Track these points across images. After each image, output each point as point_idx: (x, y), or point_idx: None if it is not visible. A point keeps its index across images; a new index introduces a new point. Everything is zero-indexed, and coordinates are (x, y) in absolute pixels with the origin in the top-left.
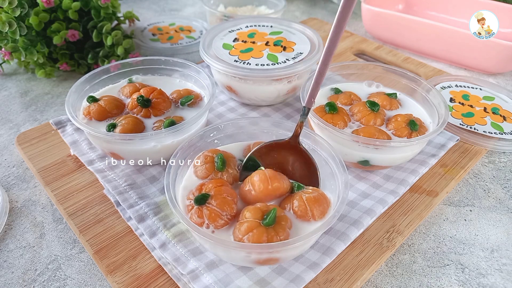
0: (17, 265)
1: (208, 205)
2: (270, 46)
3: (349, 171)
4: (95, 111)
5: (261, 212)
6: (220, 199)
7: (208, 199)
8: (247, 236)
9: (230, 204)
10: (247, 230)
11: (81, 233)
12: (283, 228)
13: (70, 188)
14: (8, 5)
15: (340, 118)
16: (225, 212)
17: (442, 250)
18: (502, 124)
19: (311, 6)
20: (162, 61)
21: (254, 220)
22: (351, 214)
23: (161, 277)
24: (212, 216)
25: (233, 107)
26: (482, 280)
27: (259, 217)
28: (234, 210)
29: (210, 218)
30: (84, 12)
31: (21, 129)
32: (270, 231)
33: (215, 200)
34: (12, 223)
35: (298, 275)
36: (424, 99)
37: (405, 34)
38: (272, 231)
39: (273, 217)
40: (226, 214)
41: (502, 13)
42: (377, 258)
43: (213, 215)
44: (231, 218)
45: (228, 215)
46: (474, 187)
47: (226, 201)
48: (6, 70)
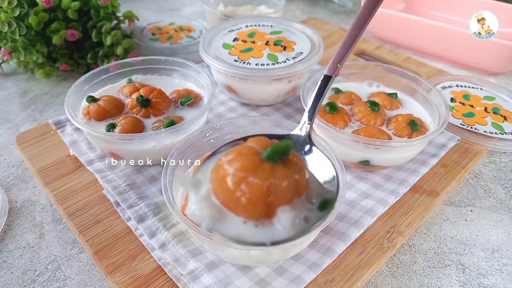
0: (16, 265)
1: None
2: (270, 46)
3: (349, 171)
4: (94, 111)
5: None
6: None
7: None
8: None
9: None
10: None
11: (80, 234)
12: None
13: (69, 188)
14: (8, 5)
15: (340, 118)
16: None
17: (443, 250)
18: (502, 124)
19: (312, 5)
20: (161, 61)
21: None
22: (352, 214)
23: (160, 277)
24: None
25: (233, 107)
26: (483, 281)
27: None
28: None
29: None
30: (84, 11)
31: (20, 129)
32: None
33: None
34: (12, 223)
35: (298, 276)
36: (424, 99)
37: (406, 33)
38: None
39: (279, 149)
40: None
41: (503, 12)
42: (377, 259)
43: None
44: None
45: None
46: (474, 187)
47: None
48: (5, 70)
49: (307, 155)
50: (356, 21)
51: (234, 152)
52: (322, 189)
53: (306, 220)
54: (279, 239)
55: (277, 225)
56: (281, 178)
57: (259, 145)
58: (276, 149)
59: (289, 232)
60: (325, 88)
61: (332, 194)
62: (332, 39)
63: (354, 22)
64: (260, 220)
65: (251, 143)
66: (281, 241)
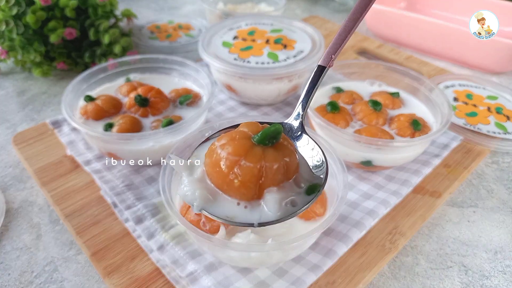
0: (13, 266)
1: None
2: (270, 44)
3: (351, 171)
4: (92, 111)
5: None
6: None
7: None
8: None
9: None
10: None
11: (78, 235)
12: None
13: (67, 189)
14: (5, 4)
15: (342, 117)
16: None
17: (445, 251)
18: (505, 123)
19: (312, 4)
20: (160, 60)
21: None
22: (353, 215)
23: (159, 279)
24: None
25: (232, 106)
26: (486, 282)
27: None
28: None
29: (207, 217)
30: (82, 10)
31: (18, 129)
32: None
33: None
34: (9, 224)
35: (299, 278)
36: (427, 98)
37: (408, 32)
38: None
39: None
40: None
41: (505, 11)
42: (379, 260)
43: None
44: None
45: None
46: (477, 187)
47: None
48: (2, 69)
49: (299, 143)
50: (351, 13)
51: (227, 137)
52: (311, 175)
53: (293, 204)
54: (266, 220)
55: (265, 207)
56: (272, 161)
57: (251, 130)
58: (267, 133)
59: (276, 213)
60: (318, 79)
61: (321, 180)
62: (333, 37)
63: (350, 14)
64: (251, 202)
65: (243, 128)
66: (268, 223)
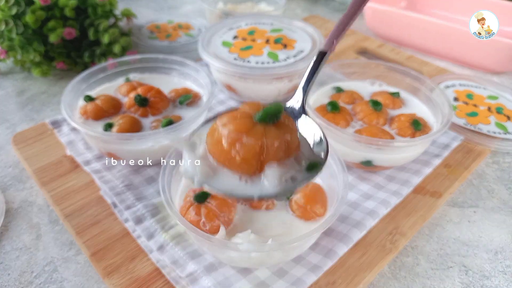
0: (13, 267)
1: (208, 203)
2: (270, 44)
3: (351, 171)
4: (91, 110)
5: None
6: (219, 200)
7: (208, 198)
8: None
9: (229, 206)
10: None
11: (77, 235)
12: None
13: (67, 189)
14: (5, 3)
15: (342, 117)
16: (223, 213)
17: (446, 252)
18: (506, 123)
19: (312, 3)
20: (160, 59)
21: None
22: (353, 215)
23: (159, 279)
24: (209, 215)
25: (232, 106)
26: (486, 282)
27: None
28: (232, 214)
29: (208, 217)
30: (81, 9)
31: (17, 129)
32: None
33: (215, 200)
34: (8, 224)
35: (299, 278)
36: (427, 98)
37: (408, 32)
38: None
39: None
40: (223, 215)
41: (505, 11)
42: (379, 261)
43: (211, 215)
44: (228, 221)
45: (225, 217)
46: (478, 188)
47: (225, 203)
48: (2, 69)
49: (301, 124)
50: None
51: (229, 116)
52: (312, 154)
53: (293, 180)
54: (266, 194)
55: (265, 181)
56: (273, 138)
57: (252, 109)
58: (268, 112)
59: (275, 188)
60: (320, 64)
61: (322, 159)
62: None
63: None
64: (251, 177)
65: (244, 108)
66: (268, 196)
